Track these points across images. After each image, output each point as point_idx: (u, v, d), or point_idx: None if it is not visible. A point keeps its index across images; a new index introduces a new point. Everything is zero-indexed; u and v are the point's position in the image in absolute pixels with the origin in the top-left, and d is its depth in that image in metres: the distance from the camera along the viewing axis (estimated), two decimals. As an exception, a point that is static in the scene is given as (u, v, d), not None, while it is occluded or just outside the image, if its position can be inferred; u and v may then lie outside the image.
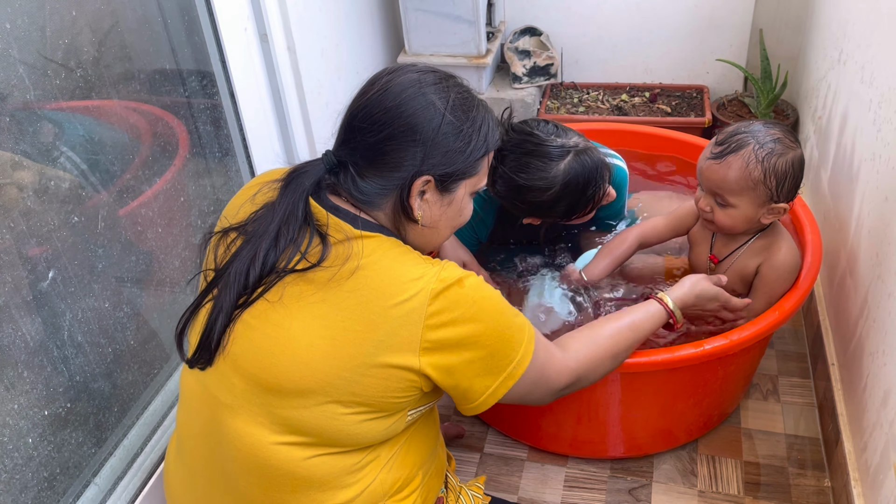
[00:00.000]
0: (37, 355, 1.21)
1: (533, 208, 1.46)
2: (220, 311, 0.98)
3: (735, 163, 1.34)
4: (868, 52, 1.60)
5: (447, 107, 0.99)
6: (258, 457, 0.99)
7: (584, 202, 1.44)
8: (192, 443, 1.07)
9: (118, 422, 1.42)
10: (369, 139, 0.98)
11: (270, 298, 0.97)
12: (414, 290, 0.95)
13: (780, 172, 1.34)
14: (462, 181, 1.03)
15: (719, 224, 1.42)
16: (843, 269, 1.64)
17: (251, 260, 0.96)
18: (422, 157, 0.98)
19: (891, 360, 1.27)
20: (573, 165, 1.40)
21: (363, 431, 0.98)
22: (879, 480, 1.27)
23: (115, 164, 1.39)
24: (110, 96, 1.41)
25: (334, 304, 0.95)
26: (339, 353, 0.94)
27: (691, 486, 1.56)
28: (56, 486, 1.28)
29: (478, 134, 1.02)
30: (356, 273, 0.96)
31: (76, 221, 1.29)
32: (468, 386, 1.00)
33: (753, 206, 1.38)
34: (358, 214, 1.01)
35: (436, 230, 1.07)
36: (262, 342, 0.97)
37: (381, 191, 1.00)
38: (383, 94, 0.99)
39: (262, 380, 0.97)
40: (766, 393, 1.75)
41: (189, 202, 1.62)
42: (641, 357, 1.35)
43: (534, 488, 1.58)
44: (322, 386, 0.95)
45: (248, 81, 1.77)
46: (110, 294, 1.37)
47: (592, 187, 1.42)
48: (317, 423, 0.96)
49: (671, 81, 2.70)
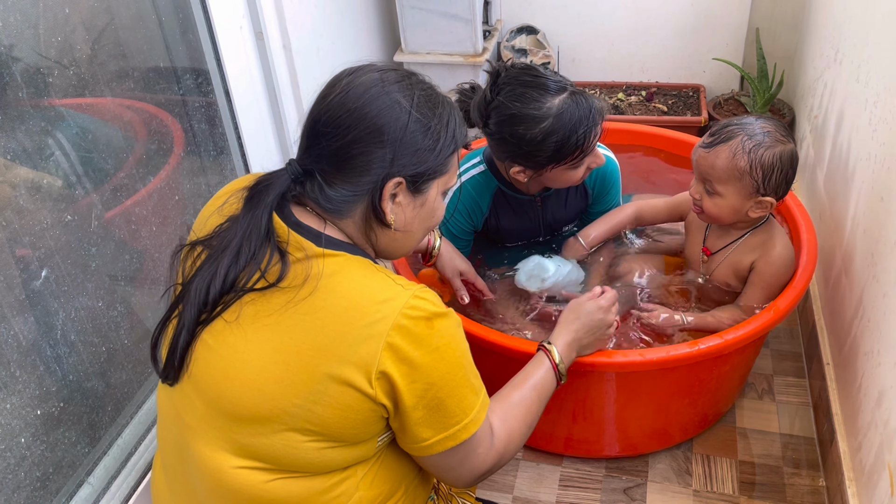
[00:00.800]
0: (30, 354, 1.21)
1: (521, 146, 1.41)
2: (183, 327, 0.95)
3: (723, 152, 1.39)
4: (864, 51, 1.60)
5: (413, 105, 0.95)
6: (220, 481, 0.95)
7: (573, 144, 1.40)
8: (169, 459, 1.06)
9: (112, 421, 1.42)
10: (334, 144, 0.93)
11: (228, 318, 0.93)
12: (376, 314, 0.89)
13: (766, 164, 1.37)
14: (434, 180, 0.99)
15: (707, 212, 1.46)
16: (839, 269, 1.64)
17: (212, 276, 0.93)
18: (391, 159, 0.94)
19: (885, 360, 1.27)
20: (568, 102, 1.39)
21: (326, 460, 0.94)
22: (874, 480, 1.27)
23: (108, 163, 1.39)
24: (104, 94, 1.41)
25: (289, 327, 0.91)
26: (292, 380, 0.90)
27: (686, 485, 1.56)
28: (49, 485, 1.27)
29: (446, 130, 0.98)
30: (314, 295, 0.90)
31: (69, 220, 1.28)
32: (410, 429, 0.95)
33: (740, 196, 1.41)
34: (322, 231, 0.96)
35: (409, 234, 1.03)
36: (219, 364, 0.94)
37: (351, 197, 0.96)
38: (346, 96, 0.94)
39: (219, 405, 0.94)
40: (762, 392, 1.75)
41: (184, 201, 1.62)
42: (636, 356, 1.35)
43: (529, 487, 1.58)
44: (277, 413, 0.91)
45: (243, 80, 1.77)
46: (104, 293, 1.37)
47: (584, 128, 1.39)
48: (276, 452, 0.92)
49: (668, 80, 2.70)
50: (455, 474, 1.02)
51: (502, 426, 1.07)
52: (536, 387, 1.17)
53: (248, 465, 0.94)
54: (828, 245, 1.73)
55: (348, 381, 0.89)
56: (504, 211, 1.64)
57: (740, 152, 1.37)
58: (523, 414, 1.12)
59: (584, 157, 1.44)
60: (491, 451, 1.04)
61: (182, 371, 0.97)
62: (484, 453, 1.02)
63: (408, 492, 1.06)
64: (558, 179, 1.49)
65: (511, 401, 1.13)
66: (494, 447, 1.05)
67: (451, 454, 0.98)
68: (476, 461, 1.02)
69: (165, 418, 1.05)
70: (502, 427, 1.07)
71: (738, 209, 1.43)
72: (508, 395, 1.15)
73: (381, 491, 1.01)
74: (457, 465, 1.00)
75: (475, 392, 0.97)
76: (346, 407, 0.90)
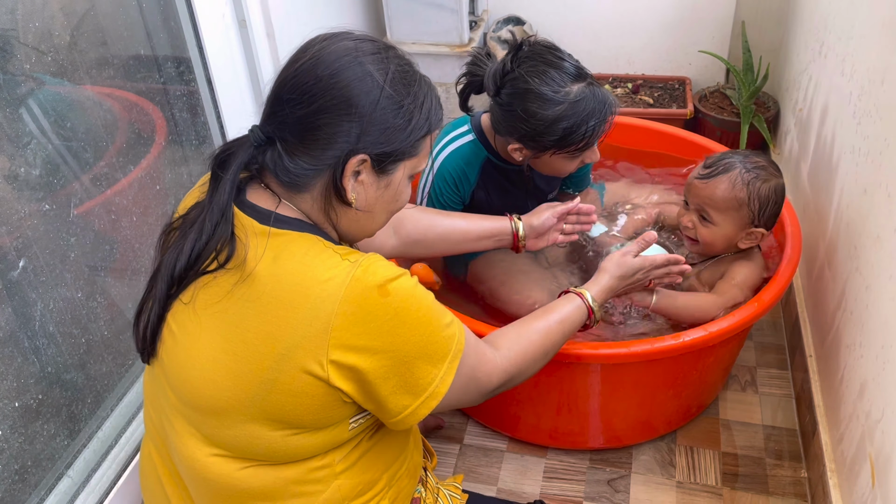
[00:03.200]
0: (7, 346, 1.19)
1: (528, 124, 1.39)
2: (155, 301, 0.93)
3: (722, 182, 1.44)
4: (849, 44, 1.60)
5: (386, 79, 0.89)
6: (195, 469, 0.94)
7: (581, 134, 1.39)
8: (159, 442, 1.05)
9: (92, 413, 1.40)
10: (298, 112, 0.88)
11: (184, 300, 0.91)
12: (320, 294, 0.85)
13: (763, 197, 1.44)
14: (401, 162, 0.94)
15: (701, 238, 1.50)
16: (822, 262, 1.64)
17: (178, 252, 0.90)
18: (357, 134, 0.88)
19: (867, 353, 1.28)
20: (585, 92, 1.38)
21: (294, 447, 0.91)
22: (855, 471, 1.28)
23: (88, 151, 1.36)
24: (84, 82, 1.38)
25: (235, 315, 0.88)
26: (242, 370, 0.87)
27: (669, 476, 1.56)
28: (28, 478, 1.25)
29: (420, 111, 0.92)
30: (257, 280, 0.87)
31: (48, 209, 1.26)
32: (384, 403, 0.91)
33: (735, 226, 1.47)
34: (272, 210, 0.91)
35: (371, 215, 0.97)
36: (179, 354, 0.92)
37: (311, 171, 0.90)
38: (315, 62, 0.88)
39: (182, 394, 0.93)
40: (745, 384, 1.76)
41: (165, 190, 1.60)
42: (620, 348, 1.35)
43: (513, 479, 1.58)
44: (233, 405, 0.88)
45: (225, 68, 1.75)
46: (83, 284, 1.35)
47: (595, 120, 1.38)
48: (240, 443, 0.91)
49: (653, 73, 2.70)
50: (463, 403, 1.01)
51: (513, 347, 1.07)
52: (561, 319, 1.16)
53: (221, 454, 0.93)
54: (811, 238, 1.74)
55: (298, 367, 0.86)
56: (492, 182, 1.60)
57: (740, 184, 1.43)
58: (541, 339, 1.11)
59: (586, 149, 1.44)
60: (495, 370, 1.03)
61: (154, 349, 0.96)
62: (486, 375, 1.01)
63: (392, 483, 1.05)
64: (551, 166, 1.48)
65: (531, 326, 1.13)
66: (499, 366, 1.03)
67: (446, 401, 0.95)
68: (480, 384, 1.01)
69: (149, 403, 1.05)
70: (513, 348, 1.07)
71: (731, 238, 1.48)
72: (529, 321, 1.14)
73: (361, 480, 0.99)
74: (458, 400, 0.98)
75: (447, 340, 0.93)
76: (301, 393, 0.87)
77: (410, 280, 0.92)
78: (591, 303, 1.21)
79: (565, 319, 1.17)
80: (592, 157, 1.47)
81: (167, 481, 1.04)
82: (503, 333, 1.10)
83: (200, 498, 0.98)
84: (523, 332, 1.11)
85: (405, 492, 1.09)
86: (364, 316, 0.86)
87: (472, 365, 0.99)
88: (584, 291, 1.22)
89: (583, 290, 1.23)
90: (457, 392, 0.96)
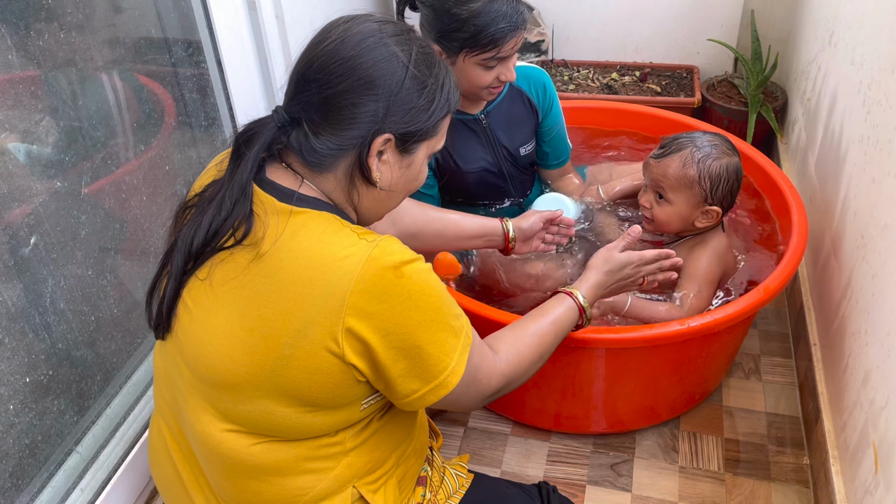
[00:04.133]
0: (18, 321, 1.20)
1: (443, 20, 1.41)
2: (171, 276, 0.94)
3: (674, 161, 1.50)
4: (859, 33, 1.60)
5: (410, 60, 0.91)
6: (209, 444, 0.95)
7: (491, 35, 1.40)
8: (171, 419, 1.06)
9: (101, 390, 1.42)
10: (325, 92, 0.89)
11: (200, 276, 0.92)
12: (337, 272, 0.86)
13: (714, 175, 1.48)
14: (423, 142, 0.96)
15: (657, 219, 1.55)
16: (828, 251, 1.65)
17: (196, 227, 0.91)
18: (383, 114, 0.90)
19: (873, 340, 1.28)
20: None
21: (307, 425, 0.92)
22: (858, 458, 1.29)
23: (99, 130, 1.37)
24: (96, 62, 1.39)
25: (251, 291, 0.89)
26: (258, 346, 0.88)
27: (672, 461, 1.57)
28: (38, 454, 1.27)
29: (441, 91, 0.94)
30: (274, 256, 0.88)
31: (59, 187, 1.27)
32: (393, 385, 0.92)
33: (688, 205, 1.51)
34: (295, 189, 0.92)
35: (391, 195, 0.99)
36: (195, 329, 0.93)
37: (336, 150, 0.91)
38: (340, 44, 0.89)
39: (198, 370, 0.94)
40: (748, 372, 1.76)
41: (174, 171, 1.60)
42: (625, 333, 1.36)
43: (517, 462, 1.59)
44: (248, 380, 0.90)
45: (235, 50, 1.75)
46: (93, 262, 1.36)
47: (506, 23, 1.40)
48: (254, 419, 0.92)
49: (661, 61, 2.69)
50: (461, 405, 1.01)
51: (510, 350, 1.08)
52: (554, 321, 1.17)
53: (233, 429, 0.94)
54: (817, 227, 1.74)
55: (314, 342, 0.87)
56: (455, 136, 1.61)
57: (690, 162, 1.48)
58: (536, 342, 1.12)
59: (498, 57, 1.44)
60: (494, 374, 1.03)
61: (170, 324, 0.97)
62: (486, 378, 1.02)
63: (400, 462, 1.06)
64: (468, 76, 1.48)
65: (526, 329, 1.14)
66: (498, 370, 1.04)
67: (451, 395, 0.96)
68: (480, 387, 1.01)
69: (160, 379, 1.05)
70: (510, 351, 1.07)
71: (686, 217, 1.53)
72: (523, 324, 1.15)
73: (371, 458, 1.00)
74: (460, 398, 0.99)
75: (456, 333, 0.94)
76: (316, 370, 0.88)
77: (425, 265, 0.93)
78: (581, 301, 1.23)
79: (557, 321, 1.18)
80: (507, 74, 1.49)
81: (178, 457, 1.05)
82: (500, 337, 1.11)
83: (213, 473, 0.99)
84: (519, 335, 1.12)
85: (412, 470, 1.10)
86: (379, 295, 0.87)
87: (476, 364, 0.99)
88: (574, 290, 1.24)
89: (573, 290, 1.24)
90: (461, 390, 0.97)
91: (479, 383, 1.01)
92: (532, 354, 1.11)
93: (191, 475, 1.04)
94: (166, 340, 0.99)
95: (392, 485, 1.04)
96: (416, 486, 1.11)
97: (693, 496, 1.50)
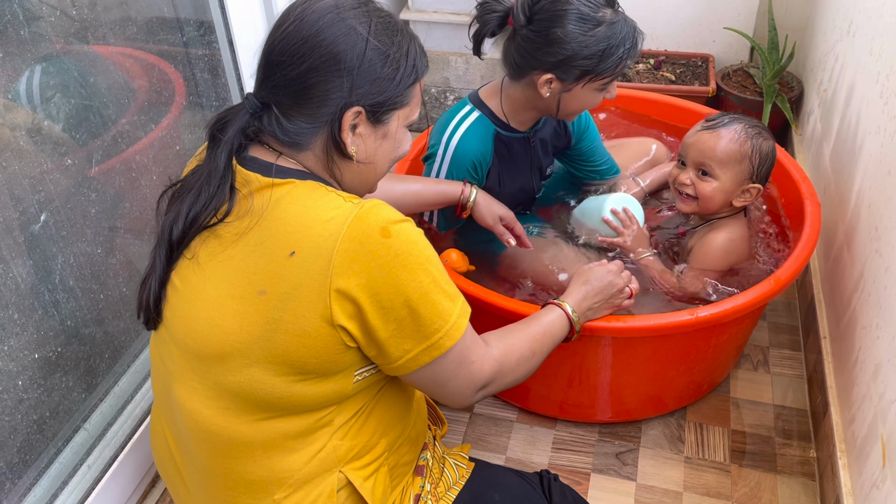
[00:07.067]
0: (27, 298, 1.20)
1: (565, 47, 1.37)
2: (154, 268, 0.96)
3: (727, 134, 1.47)
4: (879, 23, 1.57)
5: (370, 31, 0.92)
6: (198, 423, 0.96)
7: (616, 57, 1.39)
8: (164, 408, 1.07)
9: (109, 368, 1.42)
10: (290, 73, 0.91)
11: (187, 255, 0.95)
12: (322, 233, 0.88)
13: (763, 153, 1.48)
14: (394, 111, 0.97)
15: (702, 194, 1.51)
16: (841, 243, 1.63)
17: (175, 216, 0.94)
18: (349, 88, 0.91)
19: (884, 334, 1.27)
20: (618, 16, 1.40)
21: (298, 394, 0.93)
22: (866, 452, 1.28)
23: (109, 109, 1.37)
24: (107, 41, 1.38)
25: (241, 260, 0.91)
26: (247, 311, 0.90)
27: (678, 451, 1.57)
28: (46, 430, 1.28)
29: (405, 59, 0.95)
30: (261, 225, 0.90)
31: (69, 164, 1.27)
32: (384, 347, 0.92)
33: (734, 181, 1.49)
34: (273, 162, 0.94)
35: (373, 166, 1.00)
36: (184, 307, 0.95)
37: (310, 129, 0.93)
38: (300, 24, 0.91)
39: (187, 346, 0.95)
40: (757, 364, 1.75)
41: (185, 151, 1.60)
42: (634, 322, 1.35)
43: (522, 449, 1.59)
44: (238, 348, 0.91)
45: (247, 31, 1.74)
46: (103, 240, 1.36)
47: (629, 43, 1.39)
48: (245, 389, 0.92)
49: (676, 49, 2.66)
50: (452, 386, 1.00)
51: (500, 343, 1.08)
52: (543, 327, 1.19)
53: (223, 406, 0.95)
54: (830, 220, 1.73)
55: (303, 304, 0.88)
56: (503, 156, 1.58)
57: (744, 137, 1.47)
58: (528, 346, 1.13)
59: (616, 77, 1.44)
60: (487, 358, 1.03)
61: (159, 314, 0.98)
62: (479, 361, 1.01)
63: (392, 449, 1.05)
64: (580, 100, 1.46)
65: (514, 328, 1.15)
66: (491, 355, 1.04)
67: (441, 365, 0.96)
68: (472, 369, 1.01)
69: (155, 369, 1.07)
70: (500, 344, 1.08)
71: (729, 193, 1.50)
72: (517, 328, 1.16)
73: (359, 442, 1.00)
74: (451, 375, 0.98)
75: (450, 298, 0.95)
76: (304, 333, 0.89)
77: (415, 228, 0.93)
78: (570, 312, 1.25)
79: (548, 331, 1.20)
80: (613, 92, 1.48)
81: (174, 447, 1.07)
82: (489, 333, 1.11)
83: (201, 453, 0.99)
84: (510, 335, 1.13)
85: (405, 459, 1.09)
86: (365, 254, 0.88)
87: (469, 344, 0.99)
88: (562, 302, 1.26)
89: (561, 301, 1.26)
90: (452, 363, 0.97)
91: (472, 365, 1.00)
92: (524, 352, 1.12)
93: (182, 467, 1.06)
94: (158, 331, 1.01)
95: (383, 472, 1.03)
96: (415, 476, 1.11)
97: (698, 486, 1.50)
